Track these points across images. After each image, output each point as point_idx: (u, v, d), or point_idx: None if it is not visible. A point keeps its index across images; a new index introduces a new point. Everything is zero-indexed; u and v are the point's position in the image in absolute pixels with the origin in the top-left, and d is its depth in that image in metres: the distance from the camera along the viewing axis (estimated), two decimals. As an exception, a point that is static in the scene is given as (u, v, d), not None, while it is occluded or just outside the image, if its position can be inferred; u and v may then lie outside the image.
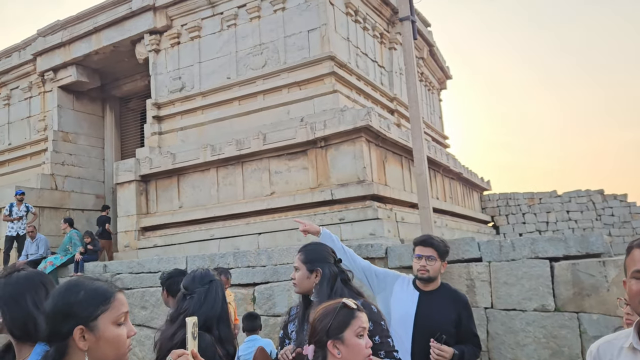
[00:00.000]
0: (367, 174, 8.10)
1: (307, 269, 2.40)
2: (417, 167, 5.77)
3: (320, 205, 8.34)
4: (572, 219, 15.81)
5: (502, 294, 5.28)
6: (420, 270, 2.78)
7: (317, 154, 8.50)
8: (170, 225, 9.65)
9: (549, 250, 5.18)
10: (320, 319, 1.73)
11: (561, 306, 5.01)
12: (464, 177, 13.63)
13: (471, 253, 5.55)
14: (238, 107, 9.76)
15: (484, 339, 5.33)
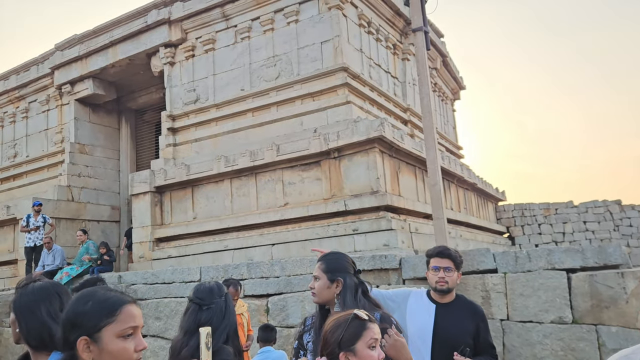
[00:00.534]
0: (381, 185, 8.09)
1: (327, 279, 2.37)
2: (431, 178, 5.74)
3: (333, 216, 8.34)
4: (589, 230, 15.58)
5: (518, 306, 5.21)
6: (439, 282, 2.76)
7: (330, 164, 8.51)
8: (185, 236, 9.71)
9: (566, 261, 5.11)
10: (332, 331, 1.73)
11: (579, 318, 4.93)
12: (479, 188, 13.53)
13: (486, 264, 5.50)
14: (252, 118, 9.83)
15: (500, 351, 5.25)
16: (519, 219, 16.12)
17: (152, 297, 7.48)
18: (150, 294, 7.55)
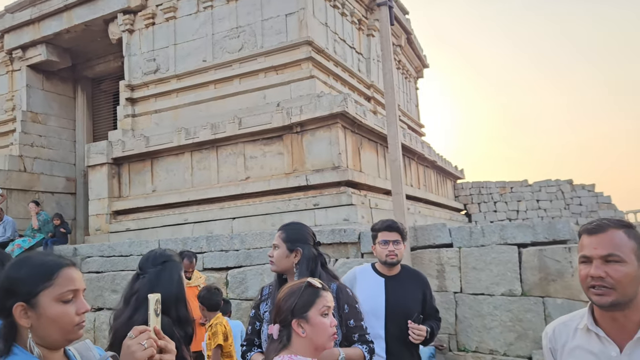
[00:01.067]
0: (343, 160, 8.13)
1: (287, 248, 2.38)
2: (391, 153, 5.81)
3: (295, 190, 8.35)
4: (541, 208, 16.17)
5: (471, 279, 5.39)
6: (390, 256, 2.80)
7: (292, 139, 8.48)
8: (144, 209, 9.55)
9: (518, 236, 5.30)
10: (285, 299, 1.75)
11: (527, 291, 5.15)
12: (439, 166, 13.78)
13: (442, 239, 5.65)
14: (214, 90, 9.65)
15: (452, 322, 5.45)
16: (476, 197, 16.56)
17: (109, 270, 7.36)
18: (107, 267, 7.42)
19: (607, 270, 1.41)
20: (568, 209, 16.03)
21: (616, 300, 1.40)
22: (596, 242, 1.45)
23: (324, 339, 1.71)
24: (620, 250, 1.41)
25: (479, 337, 5.30)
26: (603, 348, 1.46)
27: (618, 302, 1.40)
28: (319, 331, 1.70)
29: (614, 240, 1.43)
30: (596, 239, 1.45)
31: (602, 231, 1.45)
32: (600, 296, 1.41)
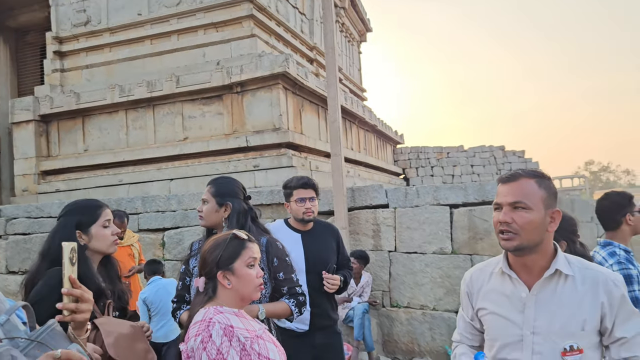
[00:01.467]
0: (283, 122, 8.08)
1: (216, 202, 2.35)
2: (330, 115, 5.82)
3: (234, 152, 8.26)
4: (475, 173, 16.85)
5: (405, 238, 5.58)
6: (307, 213, 2.83)
7: (232, 99, 8.31)
8: (75, 169, 9.15)
9: (450, 197, 5.50)
10: (210, 251, 1.74)
11: (457, 249, 5.39)
12: (379, 130, 13.98)
13: (379, 199, 5.77)
14: (150, 46, 9.24)
15: (386, 280, 5.65)
16: (414, 161, 17.00)
17: (36, 232, 7.05)
18: (34, 228, 7.10)
19: (513, 217, 1.49)
20: (499, 173, 16.80)
21: (520, 244, 1.49)
22: (507, 190, 1.53)
23: (249, 289, 1.72)
24: (527, 198, 1.49)
25: (410, 293, 5.52)
26: (514, 289, 1.56)
27: (522, 247, 1.49)
28: (244, 282, 1.71)
29: (523, 188, 1.51)
30: (508, 187, 1.54)
31: (514, 180, 1.54)
32: (506, 240, 1.51)
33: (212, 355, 1.53)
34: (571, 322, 1.46)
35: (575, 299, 1.47)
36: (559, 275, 1.51)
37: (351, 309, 5.15)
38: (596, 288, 1.47)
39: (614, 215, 2.63)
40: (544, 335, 1.47)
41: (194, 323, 1.65)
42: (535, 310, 1.50)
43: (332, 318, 2.90)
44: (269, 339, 1.75)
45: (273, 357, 1.67)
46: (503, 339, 1.54)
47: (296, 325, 2.73)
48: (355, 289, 5.32)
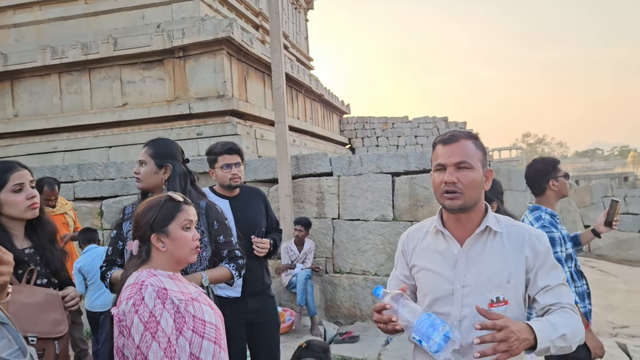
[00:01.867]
0: (228, 89, 7.91)
1: (155, 164, 2.26)
2: (274, 81, 5.74)
3: (177, 119, 8.03)
4: (419, 143, 17.22)
5: (349, 206, 5.66)
6: (234, 179, 2.79)
7: (174, 64, 8.04)
8: (4, 135, 8.63)
9: (392, 165, 5.60)
10: (144, 213, 1.69)
11: (398, 216, 5.53)
12: (325, 99, 13.95)
13: (323, 168, 5.80)
14: (85, 6, 8.74)
15: (329, 246, 5.73)
16: (360, 131, 17.15)
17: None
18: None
19: (458, 176, 1.53)
20: (442, 144, 17.21)
21: (464, 203, 1.54)
22: (450, 151, 1.57)
23: (185, 252, 1.69)
24: (469, 157, 1.54)
25: (353, 259, 5.64)
26: (447, 246, 1.62)
27: (466, 205, 1.55)
28: (180, 245, 1.68)
29: (465, 149, 1.56)
30: (450, 148, 1.57)
31: (456, 141, 1.58)
32: (452, 200, 1.54)
33: (144, 318, 1.51)
34: (498, 276, 1.53)
35: (503, 254, 1.55)
36: (489, 232, 1.58)
37: (294, 276, 5.21)
38: (521, 243, 1.55)
39: (540, 182, 2.76)
40: (472, 288, 1.53)
41: (126, 286, 1.61)
42: (465, 265, 1.56)
43: (265, 283, 2.90)
44: (205, 301, 1.74)
45: (209, 319, 1.66)
46: (435, 294, 1.60)
47: (227, 293, 2.71)
48: (298, 256, 5.38)
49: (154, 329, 1.50)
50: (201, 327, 1.63)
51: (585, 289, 2.66)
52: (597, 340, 2.54)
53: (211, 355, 1.63)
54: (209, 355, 1.63)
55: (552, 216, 2.69)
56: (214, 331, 1.67)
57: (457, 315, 1.54)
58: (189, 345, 1.58)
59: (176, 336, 1.55)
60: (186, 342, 1.58)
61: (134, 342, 1.50)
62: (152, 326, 1.50)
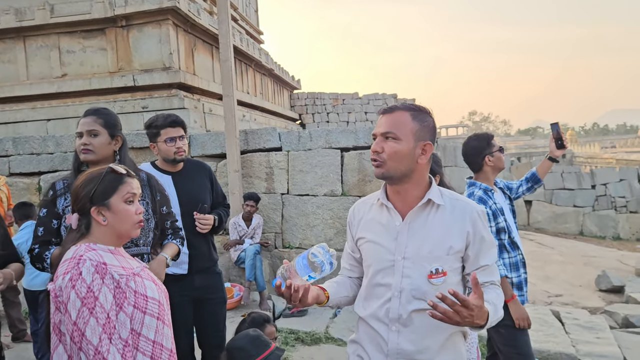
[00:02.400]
0: (174, 61, 7.66)
1: (109, 134, 2.18)
2: (222, 54, 5.60)
3: (121, 91, 7.74)
4: (369, 120, 17.37)
5: (298, 181, 5.66)
6: (179, 153, 2.69)
7: (117, 34, 7.70)
8: None
9: (341, 141, 5.63)
10: (84, 185, 1.62)
11: (347, 191, 5.58)
12: (276, 74, 13.79)
13: (272, 143, 5.76)
14: (17, -32, 8.18)
15: (279, 222, 5.74)
16: (310, 107, 17.11)
17: None
18: None
19: (383, 146, 1.57)
20: (391, 121, 17.44)
21: (387, 172, 1.57)
22: (382, 121, 1.60)
23: (127, 226, 1.64)
24: (397, 129, 1.56)
25: (302, 234, 5.67)
26: (390, 218, 1.64)
27: (389, 175, 1.57)
28: (122, 218, 1.62)
29: (396, 120, 1.58)
30: (384, 118, 1.60)
31: (391, 112, 1.60)
32: (376, 168, 1.59)
33: (82, 293, 1.46)
34: (438, 248, 1.57)
35: (444, 227, 1.58)
36: (432, 205, 1.61)
37: (243, 251, 5.19)
38: (464, 218, 1.59)
39: (475, 159, 2.83)
40: (413, 260, 1.57)
41: (63, 261, 1.55)
42: (407, 237, 1.59)
43: (211, 259, 2.85)
44: (148, 277, 1.70)
45: (151, 295, 1.63)
46: (377, 265, 1.63)
47: (173, 270, 2.67)
48: (246, 231, 5.35)
49: (91, 304, 1.46)
50: (143, 302, 1.59)
51: (520, 258, 2.78)
52: (521, 312, 2.67)
53: (153, 331, 1.60)
54: (151, 331, 1.59)
55: (486, 191, 2.77)
56: (157, 307, 1.63)
57: (398, 286, 1.58)
58: (129, 321, 1.54)
59: (116, 312, 1.51)
60: (127, 318, 1.54)
61: (70, 318, 1.46)
62: (89, 302, 1.46)
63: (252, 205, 5.30)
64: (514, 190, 3.13)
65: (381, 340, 1.60)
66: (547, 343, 4.58)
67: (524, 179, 3.20)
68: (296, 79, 16.66)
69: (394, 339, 1.58)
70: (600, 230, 12.78)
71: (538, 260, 8.57)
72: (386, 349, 1.59)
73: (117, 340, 1.48)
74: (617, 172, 13.86)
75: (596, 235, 12.65)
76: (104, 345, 1.44)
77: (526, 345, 2.76)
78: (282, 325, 4.74)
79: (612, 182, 13.19)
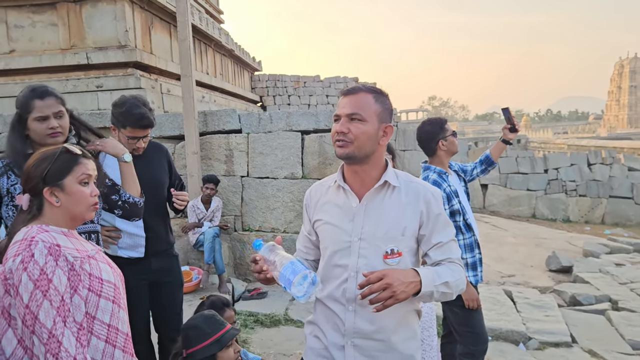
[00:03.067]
0: (130, 39, 7.43)
1: (68, 114, 2.19)
2: (180, 32, 5.47)
3: (73, 69, 7.45)
4: (330, 103, 17.38)
5: (258, 164, 5.63)
6: (138, 150, 2.63)
7: (69, 9, 7.38)
8: None
9: (302, 123, 5.62)
10: (36, 165, 1.57)
11: (307, 174, 5.60)
12: (236, 55, 13.57)
13: (232, 124, 5.70)
14: None
15: (238, 204, 5.71)
16: (272, 89, 16.95)
17: None
18: None
19: (349, 127, 1.58)
20: (352, 105, 17.50)
21: (352, 152, 1.58)
22: (346, 102, 1.61)
23: (81, 208, 1.60)
24: (363, 110, 1.58)
25: (262, 217, 5.67)
26: (347, 200, 1.67)
27: (354, 155, 1.59)
28: (76, 200, 1.58)
29: (360, 102, 1.59)
30: (347, 99, 1.61)
31: (354, 93, 1.61)
32: (340, 147, 1.59)
33: (35, 276, 1.42)
34: (394, 229, 1.60)
35: (399, 208, 1.62)
36: (387, 187, 1.64)
37: (201, 234, 5.15)
38: (417, 199, 1.63)
39: (429, 143, 2.89)
40: (369, 241, 1.60)
41: (14, 242, 1.50)
42: (363, 219, 1.62)
43: (168, 242, 2.82)
44: (103, 259, 1.67)
45: (107, 278, 1.60)
46: (334, 246, 1.65)
47: (130, 253, 2.63)
48: (205, 214, 5.30)
49: (45, 287, 1.42)
50: (98, 285, 1.56)
51: (474, 240, 2.87)
52: (471, 293, 2.76)
53: (109, 315, 1.58)
54: (107, 314, 1.57)
55: (440, 174, 2.84)
56: (113, 290, 1.61)
57: (354, 267, 1.60)
58: (84, 304, 1.51)
59: (70, 295, 1.48)
60: (81, 301, 1.51)
61: (22, 301, 1.42)
62: (43, 284, 1.42)
63: (211, 188, 5.24)
64: (469, 173, 3.22)
65: (338, 321, 1.63)
66: (500, 321, 4.77)
67: (478, 162, 3.30)
68: (257, 60, 16.45)
69: (351, 318, 1.61)
70: (552, 213, 13.29)
71: (492, 242, 8.85)
72: (343, 328, 1.62)
73: (71, 323, 1.45)
74: (568, 157, 14.40)
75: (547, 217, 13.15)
76: (58, 328, 1.41)
77: (480, 324, 2.87)
78: (242, 307, 4.75)
79: (563, 167, 13.69)
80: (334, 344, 1.64)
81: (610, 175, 13.60)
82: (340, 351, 1.63)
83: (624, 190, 13.48)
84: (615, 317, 5.09)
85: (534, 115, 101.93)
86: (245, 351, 3.04)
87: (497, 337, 4.53)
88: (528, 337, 4.52)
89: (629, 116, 52.07)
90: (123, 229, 2.61)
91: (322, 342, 1.69)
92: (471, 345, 2.85)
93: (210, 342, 2.10)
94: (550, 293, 6.07)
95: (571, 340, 4.54)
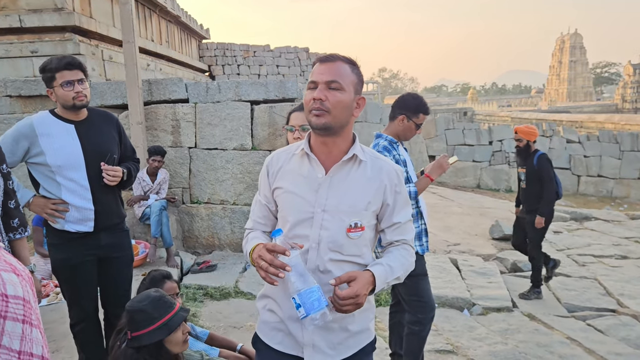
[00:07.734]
0: (67, 2, 6.99)
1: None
2: (121, -4, 5.18)
3: (5, 33, 6.97)
4: (280, 73, 17.14)
5: (206, 134, 5.48)
6: (78, 98, 2.45)
7: (-2, -33, 6.85)
8: None
9: (252, 93, 5.49)
10: None
11: (257, 145, 5.51)
12: (183, 22, 13.09)
13: (178, 94, 5.50)
14: None
15: (186, 177, 5.56)
16: (220, 59, 16.51)
17: None
18: None
19: (327, 95, 1.52)
20: (303, 75, 17.35)
21: (329, 122, 1.54)
22: (324, 69, 1.54)
23: None
24: (342, 79, 1.53)
25: (211, 189, 5.55)
26: (312, 170, 1.62)
27: (330, 125, 1.54)
28: None
29: (339, 70, 1.54)
30: (325, 66, 1.55)
31: (332, 61, 1.56)
32: (317, 117, 1.53)
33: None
34: (358, 203, 1.59)
35: (364, 183, 1.60)
36: (355, 160, 1.62)
37: (148, 207, 4.99)
38: (381, 175, 1.62)
39: (398, 110, 2.96)
40: (332, 213, 1.57)
41: None
42: (328, 190, 1.59)
43: (119, 216, 2.68)
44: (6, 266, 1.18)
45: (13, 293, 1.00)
46: (295, 216, 1.61)
47: (78, 227, 2.49)
48: (151, 187, 5.14)
49: None
50: (1, 305, 1.08)
51: (417, 210, 2.91)
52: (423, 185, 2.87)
53: (18, 339, 1.15)
54: (16, 339, 1.13)
55: (391, 143, 2.88)
56: (22, 307, 1.15)
57: (316, 238, 1.58)
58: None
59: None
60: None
61: None
62: None
63: (158, 160, 5.07)
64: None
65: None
66: (445, 289, 4.92)
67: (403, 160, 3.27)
68: (205, 28, 15.93)
69: None
70: (495, 183, 13.76)
71: (439, 212, 9.08)
72: None
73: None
74: (512, 129, 14.89)
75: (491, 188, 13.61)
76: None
77: (427, 292, 2.93)
78: (191, 281, 4.68)
79: (507, 139, 14.14)
80: (291, 317, 1.62)
81: (549, 147, 14.18)
82: (297, 323, 1.61)
83: (563, 161, 14.11)
84: (552, 282, 5.35)
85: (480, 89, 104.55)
86: (193, 325, 2.99)
87: (444, 304, 4.68)
88: (472, 303, 4.69)
89: (569, 90, 54.20)
90: (70, 202, 2.46)
91: (278, 315, 1.66)
92: (419, 314, 2.92)
93: (157, 326, 2.03)
94: (493, 260, 6.31)
95: (512, 305, 4.75)
